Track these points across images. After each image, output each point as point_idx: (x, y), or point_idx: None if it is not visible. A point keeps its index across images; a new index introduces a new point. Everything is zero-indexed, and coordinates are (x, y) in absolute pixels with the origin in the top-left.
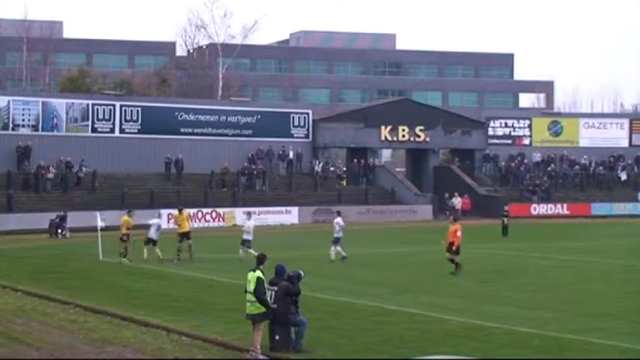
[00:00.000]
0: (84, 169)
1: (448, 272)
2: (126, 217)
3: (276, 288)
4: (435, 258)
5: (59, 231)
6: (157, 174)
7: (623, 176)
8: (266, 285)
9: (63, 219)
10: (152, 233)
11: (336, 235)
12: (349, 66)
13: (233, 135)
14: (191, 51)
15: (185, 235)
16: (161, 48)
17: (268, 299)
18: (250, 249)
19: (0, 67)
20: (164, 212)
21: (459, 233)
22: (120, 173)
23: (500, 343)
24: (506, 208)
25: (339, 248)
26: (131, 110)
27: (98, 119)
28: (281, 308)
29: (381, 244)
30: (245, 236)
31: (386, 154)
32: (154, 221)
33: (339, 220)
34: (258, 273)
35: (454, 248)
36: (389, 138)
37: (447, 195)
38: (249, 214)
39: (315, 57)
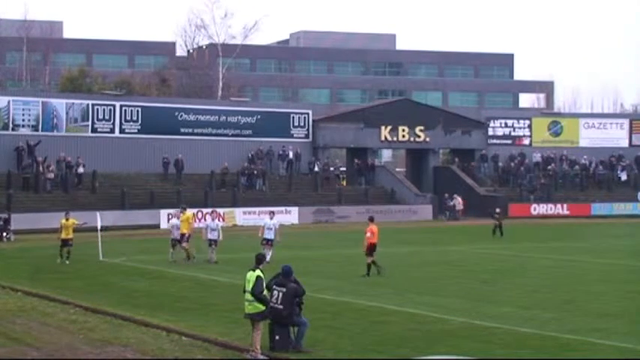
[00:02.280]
0: (81, 166)
1: (371, 276)
2: (65, 221)
3: (284, 289)
4: (435, 258)
5: (4, 234)
6: (157, 174)
7: (623, 176)
8: (264, 284)
9: (7, 222)
10: (177, 234)
11: (266, 236)
12: (349, 66)
13: (233, 135)
14: (191, 51)
15: (181, 237)
16: (161, 48)
17: (268, 298)
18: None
19: (0, 67)
20: (163, 212)
21: (368, 234)
22: (120, 173)
23: (500, 343)
24: (497, 210)
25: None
26: (131, 110)
27: (98, 119)
28: (286, 310)
29: (380, 244)
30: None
31: (386, 154)
32: (173, 222)
33: (275, 222)
34: (258, 272)
35: (371, 247)
36: (389, 138)
37: (446, 195)
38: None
39: (315, 57)
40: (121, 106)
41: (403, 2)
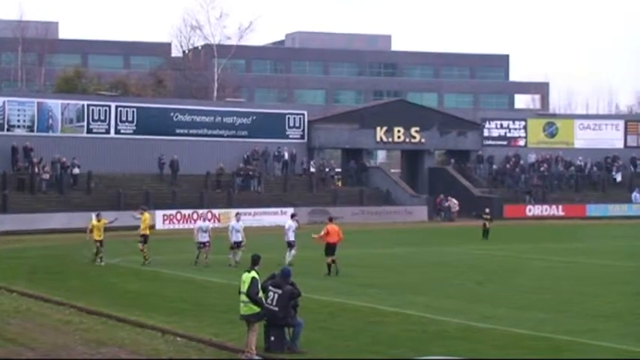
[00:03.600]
0: (76, 167)
1: (324, 275)
2: (97, 222)
3: (280, 291)
4: (430, 259)
5: None
6: (153, 175)
7: (618, 177)
8: (260, 285)
9: None
10: (201, 237)
11: (291, 239)
12: (345, 67)
13: (228, 136)
14: (186, 52)
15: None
16: (156, 49)
17: (264, 300)
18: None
19: None
20: (159, 213)
21: (322, 233)
22: (115, 174)
23: (494, 344)
24: (487, 210)
25: (293, 252)
26: (126, 111)
27: (93, 120)
28: (281, 312)
29: (376, 245)
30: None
31: (380, 155)
32: (198, 224)
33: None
34: (253, 273)
35: (330, 247)
36: (384, 139)
37: (442, 196)
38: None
39: (311, 58)
40: (117, 107)
41: (399, 3)
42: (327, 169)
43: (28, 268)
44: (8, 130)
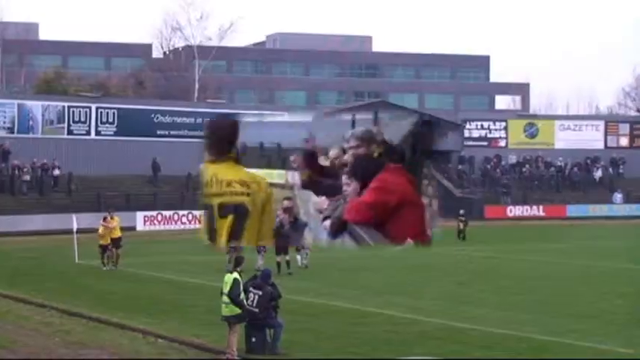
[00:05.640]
0: (57, 168)
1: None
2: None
3: (260, 292)
4: (411, 260)
5: None
6: (133, 176)
7: (598, 178)
8: (241, 287)
9: None
10: None
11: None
12: (325, 68)
13: None
14: (167, 53)
15: (117, 241)
16: (137, 50)
17: (245, 301)
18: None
19: None
20: (139, 215)
21: None
22: (96, 176)
23: (476, 344)
24: (461, 212)
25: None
26: (107, 112)
27: (74, 121)
28: (262, 314)
29: None
30: None
31: None
32: None
33: None
34: (235, 275)
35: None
36: None
37: None
38: None
39: (292, 59)
40: (97, 108)
41: (379, 4)
42: None
43: (9, 270)
44: None
